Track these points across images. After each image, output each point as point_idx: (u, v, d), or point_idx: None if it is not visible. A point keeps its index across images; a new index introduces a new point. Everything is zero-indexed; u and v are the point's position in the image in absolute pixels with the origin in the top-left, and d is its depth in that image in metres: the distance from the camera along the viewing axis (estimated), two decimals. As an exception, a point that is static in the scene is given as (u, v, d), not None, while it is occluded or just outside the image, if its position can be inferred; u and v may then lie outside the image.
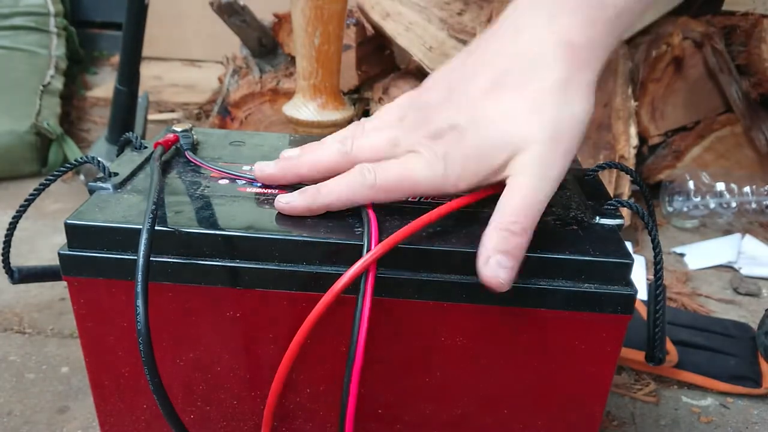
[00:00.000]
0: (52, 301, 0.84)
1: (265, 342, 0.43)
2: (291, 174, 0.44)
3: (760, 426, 0.69)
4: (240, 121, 1.16)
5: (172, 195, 0.45)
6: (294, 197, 0.42)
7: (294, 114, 0.74)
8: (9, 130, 1.20)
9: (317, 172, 0.43)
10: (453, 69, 0.43)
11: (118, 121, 1.09)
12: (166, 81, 1.78)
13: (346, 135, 0.44)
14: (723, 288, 0.94)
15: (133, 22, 1.01)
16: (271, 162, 0.45)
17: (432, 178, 0.40)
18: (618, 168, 0.51)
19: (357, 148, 0.42)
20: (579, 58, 0.38)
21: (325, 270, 0.40)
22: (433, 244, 0.40)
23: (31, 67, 1.43)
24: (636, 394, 0.72)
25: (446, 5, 1.11)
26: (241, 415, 0.46)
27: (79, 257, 0.41)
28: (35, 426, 0.64)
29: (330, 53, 0.73)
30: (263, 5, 1.19)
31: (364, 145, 0.42)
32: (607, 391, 0.44)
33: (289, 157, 0.45)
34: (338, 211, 0.42)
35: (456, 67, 0.42)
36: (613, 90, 1.06)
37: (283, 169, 0.45)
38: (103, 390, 0.46)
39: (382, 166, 0.41)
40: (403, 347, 0.43)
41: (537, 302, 0.40)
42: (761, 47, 1.05)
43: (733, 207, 1.08)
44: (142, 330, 0.36)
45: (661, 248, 0.45)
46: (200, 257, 0.41)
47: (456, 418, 0.45)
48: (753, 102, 1.10)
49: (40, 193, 0.46)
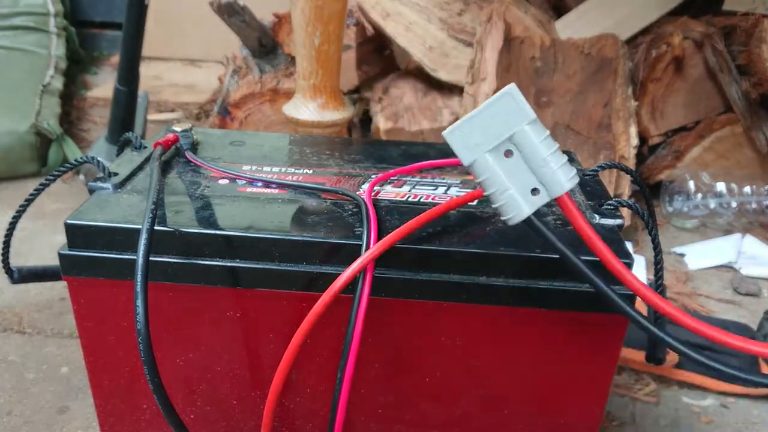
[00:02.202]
0: (52, 301, 0.84)
1: (265, 342, 0.43)
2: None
3: (760, 426, 0.69)
4: (240, 121, 1.16)
5: (172, 195, 0.45)
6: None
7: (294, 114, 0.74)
8: (9, 130, 1.20)
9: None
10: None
11: (118, 121, 1.09)
12: (166, 81, 1.78)
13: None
14: (723, 288, 0.94)
15: (133, 22, 1.01)
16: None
17: None
18: (618, 168, 0.51)
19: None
20: None
21: (325, 270, 0.40)
22: (433, 244, 0.40)
23: (31, 67, 1.43)
24: (636, 394, 0.72)
25: (446, 5, 1.11)
26: (241, 415, 0.46)
27: (79, 257, 0.41)
28: (35, 426, 0.64)
29: (330, 53, 0.73)
30: (263, 5, 1.19)
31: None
32: (607, 391, 0.44)
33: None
34: (338, 210, 0.42)
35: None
36: (613, 90, 1.06)
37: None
38: (103, 390, 0.46)
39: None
40: (403, 347, 0.43)
41: (537, 302, 0.40)
42: (761, 47, 1.05)
43: (733, 207, 1.08)
44: (141, 330, 0.36)
45: (661, 248, 0.45)
46: (200, 257, 0.41)
47: (456, 418, 0.45)
48: (753, 102, 1.10)
49: (40, 193, 0.46)
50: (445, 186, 0.48)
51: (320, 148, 0.56)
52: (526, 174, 0.34)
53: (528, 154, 0.34)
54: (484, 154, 0.34)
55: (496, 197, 0.34)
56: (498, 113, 0.33)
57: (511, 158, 0.34)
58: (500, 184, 0.34)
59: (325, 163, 0.52)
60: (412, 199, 0.46)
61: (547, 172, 0.33)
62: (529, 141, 0.33)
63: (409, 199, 0.46)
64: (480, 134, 0.34)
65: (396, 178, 0.50)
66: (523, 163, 0.34)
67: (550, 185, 0.34)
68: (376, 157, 0.54)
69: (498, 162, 0.34)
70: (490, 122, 0.34)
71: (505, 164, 0.34)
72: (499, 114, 0.33)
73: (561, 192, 0.34)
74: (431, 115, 1.07)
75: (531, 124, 0.33)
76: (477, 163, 0.34)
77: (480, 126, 0.34)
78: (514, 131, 0.33)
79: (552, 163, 0.33)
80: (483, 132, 0.34)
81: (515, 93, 0.33)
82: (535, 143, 0.33)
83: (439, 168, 0.52)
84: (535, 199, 0.34)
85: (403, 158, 0.54)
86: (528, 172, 0.34)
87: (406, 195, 0.47)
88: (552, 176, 0.33)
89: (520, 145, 0.34)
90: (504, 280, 0.40)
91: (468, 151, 0.34)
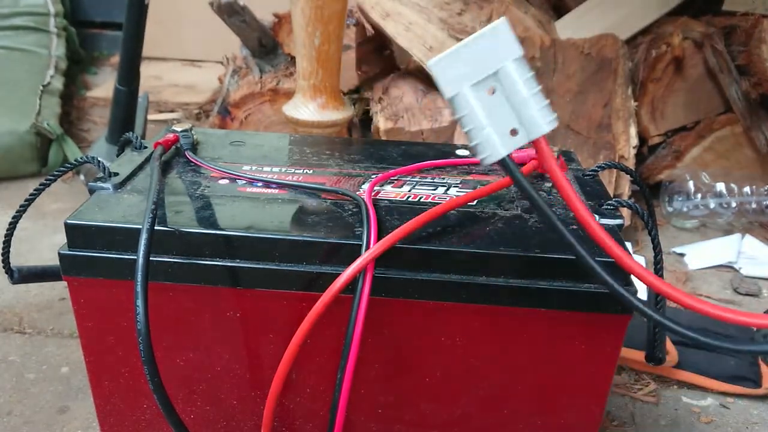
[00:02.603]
0: (52, 301, 0.84)
1: (265, 342, 0.43)
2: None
3: (760, 426, 0.69)
4: (240, 121, 1.16)
5: (172, 195, 0.45)
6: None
7: (294, 114, 0.74)
8: (9, 130, 1.20)
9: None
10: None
11: (118, 121, 1.09)
12: (166, 81, 1.78)
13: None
14: (723, 288, 0.94)
15: (133, 22, 1.01)
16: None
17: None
18: (618, 168, 0.51)
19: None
20: None
21: (325, 270, 0.40)
22: (433, 244, 0.40)
23: (31, 67, 1.43)
24: (636, 394, 0.72)
25: (446, 5, 1.11)
26: (241, 415, 0.46)
27: (79, 257, 0.41)
28: (35, 426, 0.64)
29: (330, 53, 0.73)
30: (263, 5, 1.19)
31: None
32: (607, 391, 0.44)
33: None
34: (338, 210, 0.42)
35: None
36: (613, 90, 1.06)
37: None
38: (103, 390, 0.46)
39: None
40: (403, 347, 0.43)
41: (537, 302, 0.40)
42: (761, 47, 1.05)
43: (733, 207, 1.08)
44: (142, 330, 0.36)
45: (661, 248, 0.45)
46: (200, 257, 0.41)
47: (456, 418, 0.45)
48: (753, 102, 1.10)
49: (40, 193, 0.46)
50: (445, 186, 0.48)
51: (320, 148, 0.56)
52: (507, 113, 0.33)
53: (510, 92, 0.32)
54: (466, 88, 0.32)
55: (473, 135, 0.33)
56: (485, 47, 0.32)
57: (494, 95, 0.33)
58: (478, 122, 0.33)
59: (325, 163, 0.52)
60: (412, 199, 0.46)
61: (528, 113, 0.32)
62: (514, 78, 0.32)
63: (409, 199, 0.46)
64: (465, 67, 0.32)
65: (396, 178, 0.50)
66: (505, 101, 0.33)
67: (529, 126, 0.32)
68: (376, 157, 0.54)
69: (479, 98, 0.33)
70: (477, 56, 0.32)
71: (486, 101, 0.33)
72: (487, 48, 0.32)
73: (539, 133, 0.32)
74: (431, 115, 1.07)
75: (516, 61, 0.32)
76: (458, 97, 0.33)
77: (466, 59, 0.32)
78: (500, 66, 0.32)
79: (532, 102, 0.32)
80: (468, 65, 0.32)
81: (504, 27, 0.32)
82: (518, 81, 0.32)
83: (439, 168, 0.52)
84: (513, 140, 0.33)
85: (403, 158, 0.54)
86: (509, 112, 0.33)
87: (406, 195, 0.47)
88: (533, 117, 0.32)
89: (504, 81, 0.32)
90: (504, 280, 0.40)
91: (450, 84, 0.32)
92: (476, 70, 0.32)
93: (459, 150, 0.56)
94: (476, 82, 0.32)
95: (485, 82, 0.32)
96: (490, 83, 0.33)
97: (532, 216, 0.44)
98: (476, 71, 0.32)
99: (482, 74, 0.32)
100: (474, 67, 0.32)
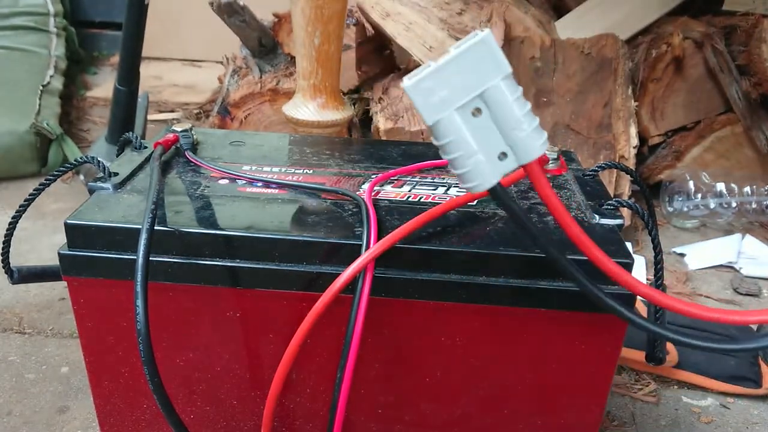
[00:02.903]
0: (52, 301, 0.84)
1: (265, 342, 0.43)
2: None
3: (760, 426, 0.69)
4: (240, 121, 1.16)
5: (172, 195, 0.45)
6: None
7: (294, 114, 0.74)
8: (9, 130, 1.20)
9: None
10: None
11: (118, 121, 1.09)
12: (166, 81, 1.78)
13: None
14: (723, 288, 0.94)
15: (133, 22, 1.01)
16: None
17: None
18: (618, 168, 0.51)
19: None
20: None
21: (325, 270, 0.40)
22: (433, 244, 0.40)
23: (31, 67, 1.43)
24: (636, 394, 0.72)
25: (446, 5, 1.11)
26: (241, 415, 0.46)
27: (79, 257, 0.41)
28: (35, 426, 0.64)
29: (330, 53, 0.72)
30: (263, 5, 1.19)
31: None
32: (607, 391, 0.44)
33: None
34: (338, 210, 0.42)
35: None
36: (613, 90, 1.06)
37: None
38: (103, 390, 0.46)
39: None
40: (403, 347, 0.43)
41: (537, 302, 0.40)
42: (761, 47, 1.05)
43: (733, 207, 1.08)
44: (141, 330, 0.36)
45: (661, 248, 0.45)
46: (200, 257, 0.41)
47: (456, 418, 0.45)
48: (753, 102, 1.10)
49: (40, 193, 0.46)
50: (445, 186, 0.48)
51: (320, 148, 0.56)
52: (495, 136, 0.30)
53: (499, 113, 0.29)
54: (450, 112, 0.29)
55: (461, 163, 0.30)
56: (469, 65, 0.29)
57: (479, 117, 0.29)
58: (466, 148, 0.29)
59: (325, 163, 0.52)
60: (412, 199, 0.46)
61: (519, 135, 0.29)
62: (502, 98, 0.29)
63: (409, 199, 0.46)
64: (447, 89, 0.29)
65: (396, 178, 0.50)
66: (491, 123, 0.29)
67: (520, 150, 0.30)
68: (376, 157, 0.54)
69: (465, 122, 0.29)
70: (460, 75, 0.29)
71: (472, 124, 0.29)
72: (471, 66, 0.29)
73: (532, 158, 0.30)
74: (431, 115, 1.07)
75: (505, 80, 0.29)
76: (441, 123, 0.29)
77: (448, 79, 0.29)
78: (486, 87, 0.29)
79: (525, 125, 0.29)
80: (450, 86, 0.29)
81: (490, 41, 0.28)
82: (509, 101, 0.29)
83: (439, 168, 0.52)
84: (502, 164, 0.30)
85: (403, 158, 0.54)
86: (497, 134, 0.30)
87: (406, 195, 0.47)
88: (524, 140, 0.29)
89: (491, 102, 0.29)
90: (504, 280, 0.40)
91: (432, 108, 0.29)
92: (461, 92, 0.29)
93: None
94: (461, 105, 0.29)
95: (470, 104, 0.29)
96: (474, 104, 0.29)
97: (532, 216, 0.44)
98: (461, 93, 0.29)
99: (467, 96, 0.29)
100: (458, 88, 0.29)
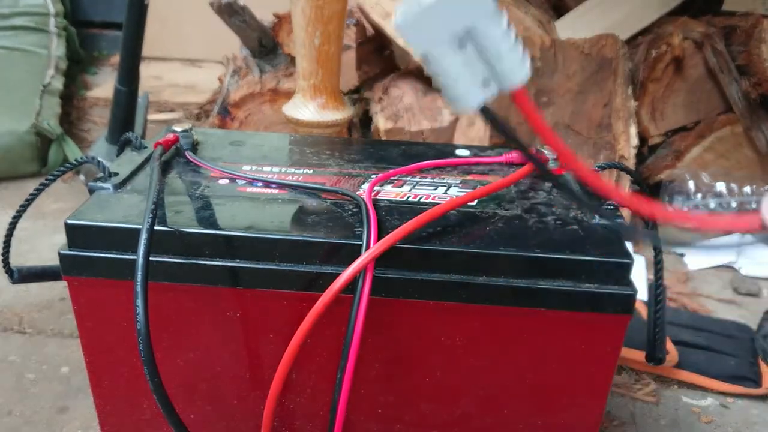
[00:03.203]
0: (52, 301, 0.84)
1: (265, 342, 0.43)
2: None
3: (760, 426, 0.69)
4: (240, 121, 1.16)
5: (172, 195, 0.45)
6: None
7: (294, 114, 0.74)
8: (9, 130, 1.20)
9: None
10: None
11: (118, 121, 1.09)
12: (166, 81, 1.78)
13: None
14: (723, 288, 0.94)
15: (133, 22, 1.01)
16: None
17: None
18: (618, 168, 0.51)
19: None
20: None
21: (325, 270, 0.40)
22: (433, 244, 0.40)
23: (31, 67, 1.43)
24: (636, 394, 0.72)
25: (446, 5, 1.11)
26: (241, 415, 0.46)
27: (79, 257, 0.41)
28: (35, 426, 0.64)
29: (330, 53, 0.72)
30: (263, 5, 1.19)
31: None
32: (607, 391, 0.44)
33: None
34: (338, 210, 0.42)
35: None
36: (613, 90, 1.06)
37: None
38: (103, 390, 0.46)
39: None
40: (403, 347, 0.43)
41: (537, 302, 0.40)
42: (761, 47, 1.05)
43: (733, 207, 1.08)
44: (142, 330, 0.36)
45: (661, 248, 0.45)
46: (200, 257, 0.41)
47: (456, 418, 0.45)
48: (753, 102, 1.10)
49: (40, 193, 0.46)
50: (445, 186, 0.48)
51: (320, 148, 0.56)
52: (482, 65, 0.32)
53: (486, 45, 0.31)
54: (437, 46, 0.31)
55: (447, 89, 0.32)
56: (457, 1, 0.31)
57: (467, 49, 0.31)
58: (452, 76, 0.32)
59: (325, 163, 0.52)
60: (412, 199, 0.46)
61: (506, 64, 0.31)
62: (489, 33, 0.31)
63: (409, 199, 0.46)
64: (436, 24, 0.31)
65: (396, 178, 0.50)
66: (478, 54, 0.31)
67: (506, 76, 0.32)
68: (376, 157, 0.54)
69: (452, 53, 0.31)
70: (448, 11, 0.31)
71: (460, 56, 0.31)
72: (458, 3, 0.31)
73: (518, 83, 0.32)
74: (431, 115, 1.07)
75: (492, 15, 0.31)
76: (429, 55, 0.31)
77: (437, 15, 0.31)
78: (474, 22, 0.31)
79: (512, 54, 0.31)
80: (439, 22, 0.31)
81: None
82: (496, 36, 0.31)
83: (439, 168, 0.52)
84: (488, 90, 0.32)
85: (403, 158, 0.54)
86: (484, 64, 0.32)
87: (406, 195, 0.47)
88: (510, 68, 0.31)
89: (479, 36, 0.31)
90: (504, 280, 0.40)
91: (420, 41, 0.31)
92: (449, 27, 0.31)
93: (459, 150, 0.56)
94: (448, 39, 0.31)
95: (457, 37, 0.31)
96: (462, 37, 0.31)
97: (532, 216, 0.44)
98: (449, 28, 0.31)
99: (455, 30, 0.31)
100: (446, 24, 0.31)
